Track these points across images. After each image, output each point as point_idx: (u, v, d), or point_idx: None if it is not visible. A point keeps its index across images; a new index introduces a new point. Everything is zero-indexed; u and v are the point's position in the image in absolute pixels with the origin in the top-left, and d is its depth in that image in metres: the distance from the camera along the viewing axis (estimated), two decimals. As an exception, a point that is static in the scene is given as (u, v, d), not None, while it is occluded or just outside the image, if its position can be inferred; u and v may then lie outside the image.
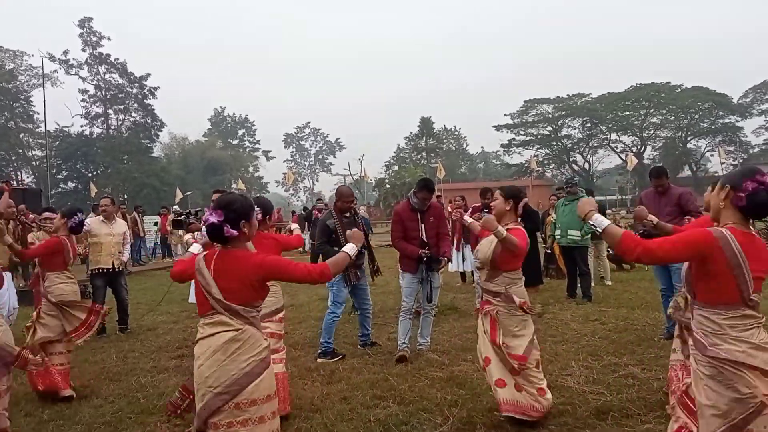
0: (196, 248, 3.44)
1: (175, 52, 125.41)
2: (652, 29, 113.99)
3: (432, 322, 6.56)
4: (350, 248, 3.20)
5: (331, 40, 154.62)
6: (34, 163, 53.36)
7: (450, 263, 10.10)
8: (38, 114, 50.24)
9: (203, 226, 3.01)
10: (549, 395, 4.14)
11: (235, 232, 2.89)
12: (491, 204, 4.46)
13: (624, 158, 51.75)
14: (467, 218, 5.42)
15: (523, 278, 4.33)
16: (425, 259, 6.04)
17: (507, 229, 4.13)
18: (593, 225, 2.80)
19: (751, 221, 2.61)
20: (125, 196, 45.13)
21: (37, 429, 4.47)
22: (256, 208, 3.19)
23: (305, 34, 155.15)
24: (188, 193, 39.39)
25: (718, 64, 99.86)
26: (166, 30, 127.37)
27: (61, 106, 57.38)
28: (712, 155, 59.28)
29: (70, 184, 53.98)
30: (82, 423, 4.56)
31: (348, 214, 6.47)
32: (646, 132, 60.35)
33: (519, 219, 4.38)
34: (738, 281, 2.46)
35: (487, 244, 4.25)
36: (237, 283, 2.85)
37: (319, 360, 6.07)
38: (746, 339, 2.44)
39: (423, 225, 6.14)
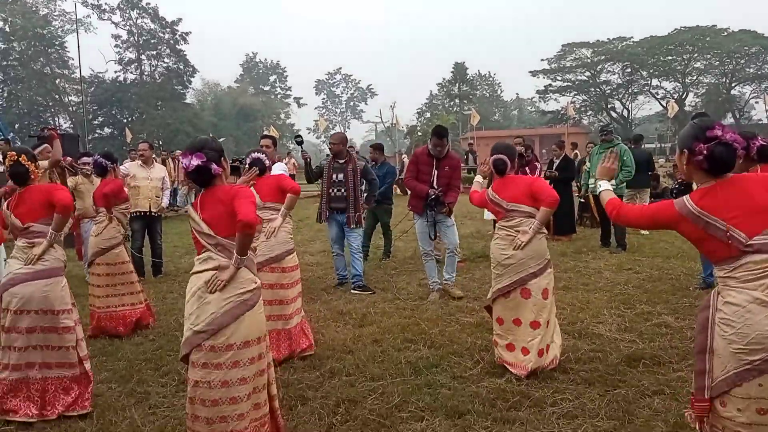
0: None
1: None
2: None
3: (455, 261, 6.63)
4: None
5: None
6: (71, 108, 54.11)
7: (485, 212, 10.20)
8: (73, 60, 50.59)
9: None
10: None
11: (220, 169, 3.03)
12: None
13: (665, 105, 50.03)
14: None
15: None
16: (431, 199, 6.16)
17: None
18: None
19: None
20: (160, 142, 45.64)
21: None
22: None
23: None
24: (221, 139, 39.73)
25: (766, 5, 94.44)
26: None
27: (95, 52, 57.83)
28: (757, 102, 56.89)
29: (106, 130, 54.72)
30: (124, 359, 4.75)
31: (341, 160, 6.81)
32: (689, 78, 58.04)
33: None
34: (719, 236, 2.33)
35: None
36: (221, 214, 2.94)
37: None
38: (748, 291, 2.27)
39: (436, 172, 6.26)
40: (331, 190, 6.83)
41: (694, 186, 2.49)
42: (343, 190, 6.76)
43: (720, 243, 2.35)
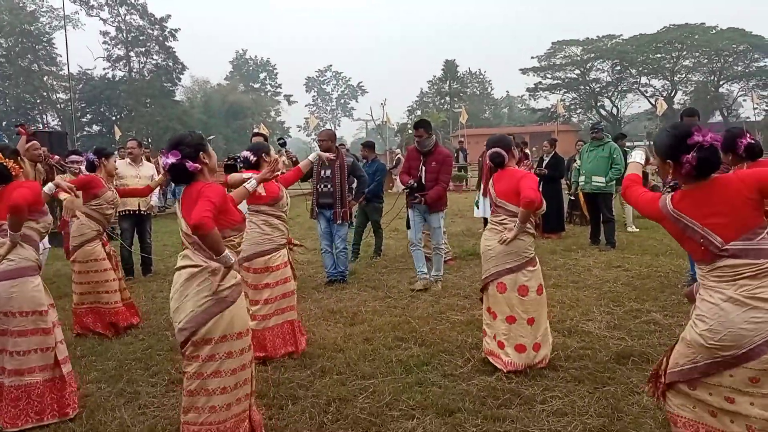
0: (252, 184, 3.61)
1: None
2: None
3: (441, 260, 6.87)
4: (250, 183, 3.54)
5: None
6: (58, 106, 53.62)
7: (476, 208, 10.28)
8: (61, 56, 50.21)
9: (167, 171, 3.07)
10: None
11: (198, 166, 2.99)
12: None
13: (654, 103, 50.31)
14: None
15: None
16: (407, 187, 6.51)
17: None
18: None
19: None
20: (149, 140, 45.37)
21: (71, 364, 4.62)
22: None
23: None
24: (211, 137, 39.37)
25: (757, 3, 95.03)
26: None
27: (84, 49, 57.39)
28: (744, 100, 57.41)
29: (95, 128, 54.29)
30: (113, 359, 4.73)
31: (333, 156, 6.84)
32: (678, 76, 58.43)
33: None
34: (696, 239, 2.42)
35: None
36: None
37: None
38: (722, 290, 2.39)
39: (424, 167, 6.45)
40: (318, 186, 6.94)
41: None
42: (329, 186, 6.82)
43: (697, 244, 2.44)
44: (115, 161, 5.91)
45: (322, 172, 6.89)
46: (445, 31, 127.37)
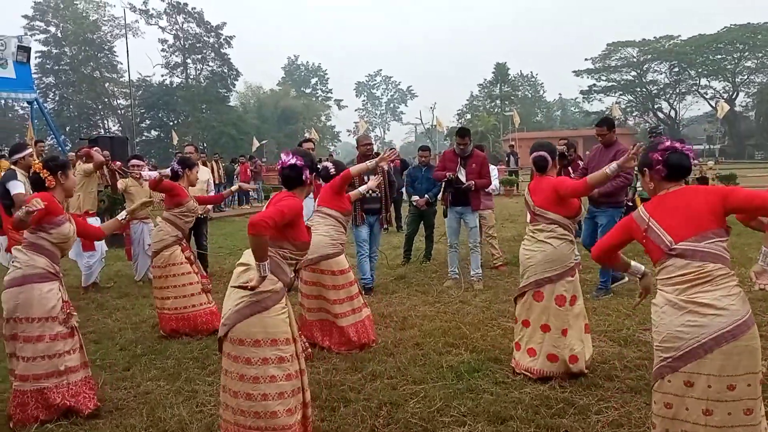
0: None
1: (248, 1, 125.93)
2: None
3: (478, 258, 7.17)
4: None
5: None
6: (119, 111, 55.79)
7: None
8: (122, 64, 52.33)
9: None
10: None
11: (308, 179, 3.24)
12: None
13: (714, 105, 48.53)
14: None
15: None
16: (446, 180, 6.89)
17: None
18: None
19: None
20: (204, 145, 46.60)
21: (131, 362, 4.81)
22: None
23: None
24: (264, 141, 40.21)
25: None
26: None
27: (143, 56, 59.44)
28: (811, 102, 54.77)
29: (153, 133, 56.20)
30: (172, 357, 4.88)
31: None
32: (740, 77, 56.27)
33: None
34: (653, 238, 2.69)
35: None
36: None
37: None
38: (666, 293, 2.64)
39: (464, 169, 6.91)
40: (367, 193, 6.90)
41: None
42: (377, 192, 6.82)
43: (654, 244, 2.69)
44: (197, 171, 6.04)
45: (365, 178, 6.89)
46: (496, 33, 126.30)
